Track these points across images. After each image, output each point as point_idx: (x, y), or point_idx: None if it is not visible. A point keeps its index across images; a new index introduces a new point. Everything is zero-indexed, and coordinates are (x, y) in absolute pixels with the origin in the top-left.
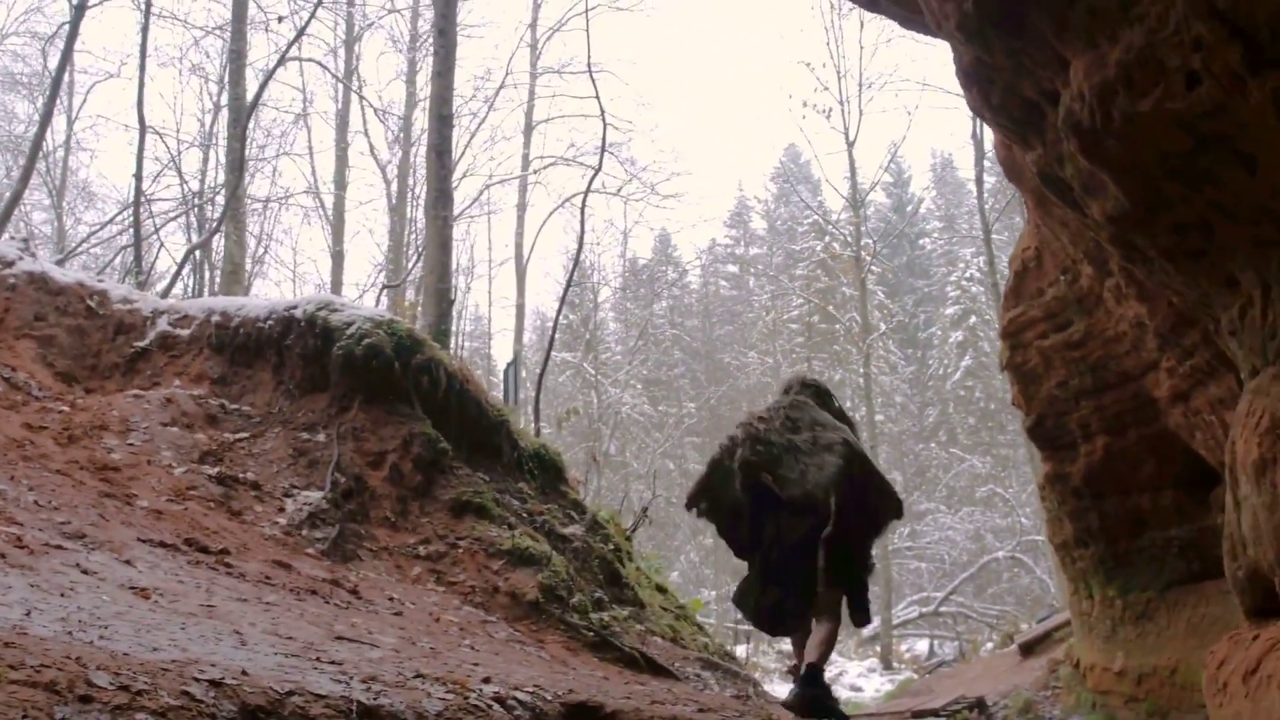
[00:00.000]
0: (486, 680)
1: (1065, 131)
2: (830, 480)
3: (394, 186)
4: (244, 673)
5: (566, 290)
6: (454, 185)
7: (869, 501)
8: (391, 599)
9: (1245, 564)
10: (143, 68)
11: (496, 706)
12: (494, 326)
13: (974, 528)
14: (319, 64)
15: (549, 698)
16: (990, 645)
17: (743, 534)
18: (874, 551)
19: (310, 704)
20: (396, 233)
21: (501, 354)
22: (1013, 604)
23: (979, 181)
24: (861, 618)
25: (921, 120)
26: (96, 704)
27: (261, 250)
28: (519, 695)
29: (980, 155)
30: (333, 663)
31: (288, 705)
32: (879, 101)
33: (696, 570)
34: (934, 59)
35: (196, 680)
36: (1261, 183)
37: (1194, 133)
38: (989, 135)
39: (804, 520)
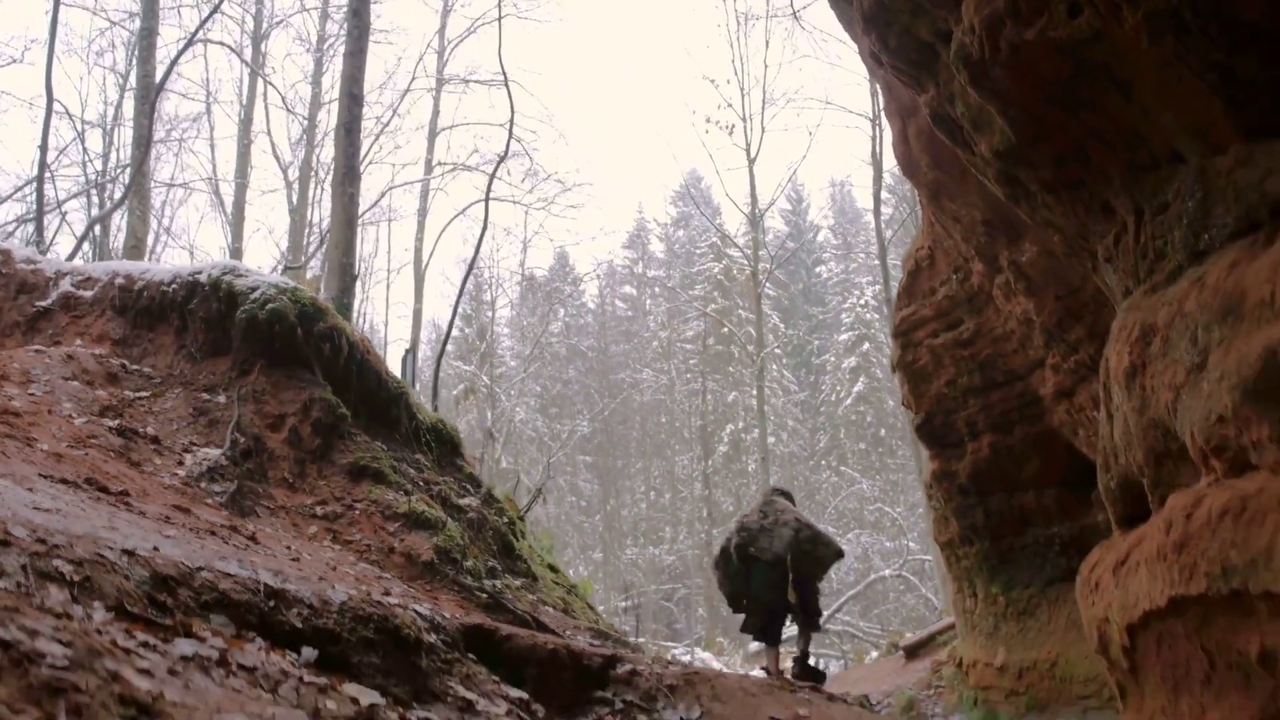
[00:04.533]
0: (387, 593)
1: (956, 64)
2: (785, 545)
3: (295, 189)
4: (155, 549)
5: (470, 268)
6: (361, 167)
7: (815, 553)
8: (289, 548)
9: (1117, 473)
10: (52, 38)
11: (397, 607)
12: (390, 335)
13: (862, 549)
14: (229, 47)
15: (447, 617)
16: (875, 655)
17: (740, 592)
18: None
19: (219, 579)
20: (296, 233)
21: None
22: (899, 624)
23: (876, 199)
24: (814, 624)
25: (823, 144)
26: (15, 549)
27: (161, 247)
28: (418, 609)
29: (879, 175)
30: (239, 562)
31: (198, 578)
32: (781, 119)
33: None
34: (836, 79)
35: (110, 549)
36: (1135, 106)
37: (1075, 59)
38: (889, 157)
39: (776, 571)
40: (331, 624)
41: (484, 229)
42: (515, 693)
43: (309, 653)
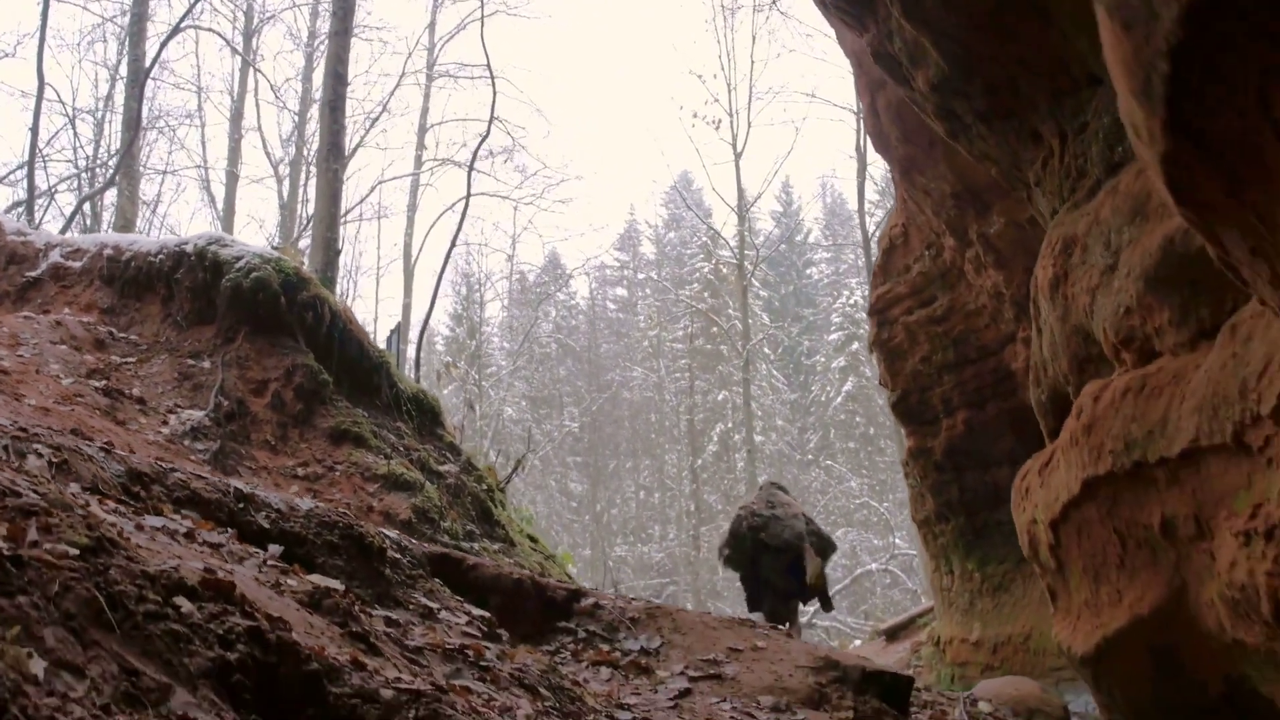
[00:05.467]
0: (357, 518)
1: None
2: (800, 534)
3: (286, 184)
4: (131, 451)
5: (454, 241)
6: (347, 151)
7: (820, 546)
8: None
9: (1047, 386)
10: (44, 23)
11: (365, 522)
12: (380, 331)
13: (850, 546)
14: (220, 35)
15: (414, 543)
16: (859, 643)
17: (747, 571)
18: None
19: (191, 480)
20: (286, 226)
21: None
22: (884, 615)
23: (860, 191)
24: (828, 605)
25: (812, 141)
26: None
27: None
28: (387, 533)
29: (863, 167)
30: (211, 471)
31: (171, 477)
32: (768, 114)
33: None
34: (823, 73)
35: (88, 445)
36: (1055, 31)
37: None
38: (873, 153)
39: (783, 557)
40: (298, 527)
41: (465, 206)
42: (478, 611)
43: (275, 548)
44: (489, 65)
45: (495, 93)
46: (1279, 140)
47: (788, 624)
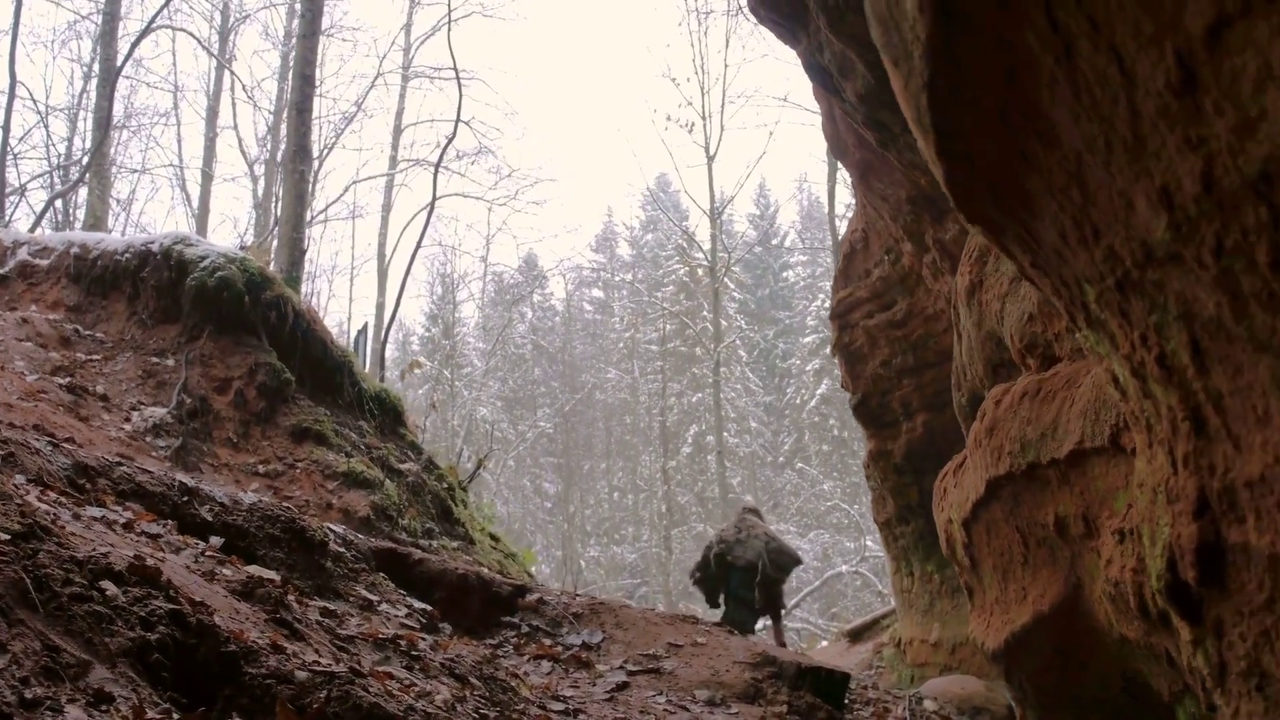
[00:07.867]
0: (304, 512)
1: (817, 11)
2: (757, 555)
3: (261, 183)
4: (83, 445)
5: (421, 238)
6: (321, 151)
7: (779, 561)
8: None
9: (966, 390)
10: (16, 21)
11: (310, 516)
12: (354, 330)
13: (822, 548)
14: (193, 35)
15: (360, 538)
16: (825, 644)
17: (717, 591)
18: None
19: (137, 474)
20: (261, 226)
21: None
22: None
23: (831, 195)
24: (778, 614)
25: (786, 144)
26: None
27: (125, 232)
28: (332, 528)
29: (834, 170)
30: (157, 465)
31: (117, 471)
32: (741, 117)
33: None
34: (796, 77)
35: (36, 439)
36: None
37: None
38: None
39: (748, 575)
40: (240, 520)
41: (431, 207)
42: (419, 604)
43: (216, 540)
44: (455, 67)
45: (461, 95)
46: (1026, 162)
47: (774, 625)
